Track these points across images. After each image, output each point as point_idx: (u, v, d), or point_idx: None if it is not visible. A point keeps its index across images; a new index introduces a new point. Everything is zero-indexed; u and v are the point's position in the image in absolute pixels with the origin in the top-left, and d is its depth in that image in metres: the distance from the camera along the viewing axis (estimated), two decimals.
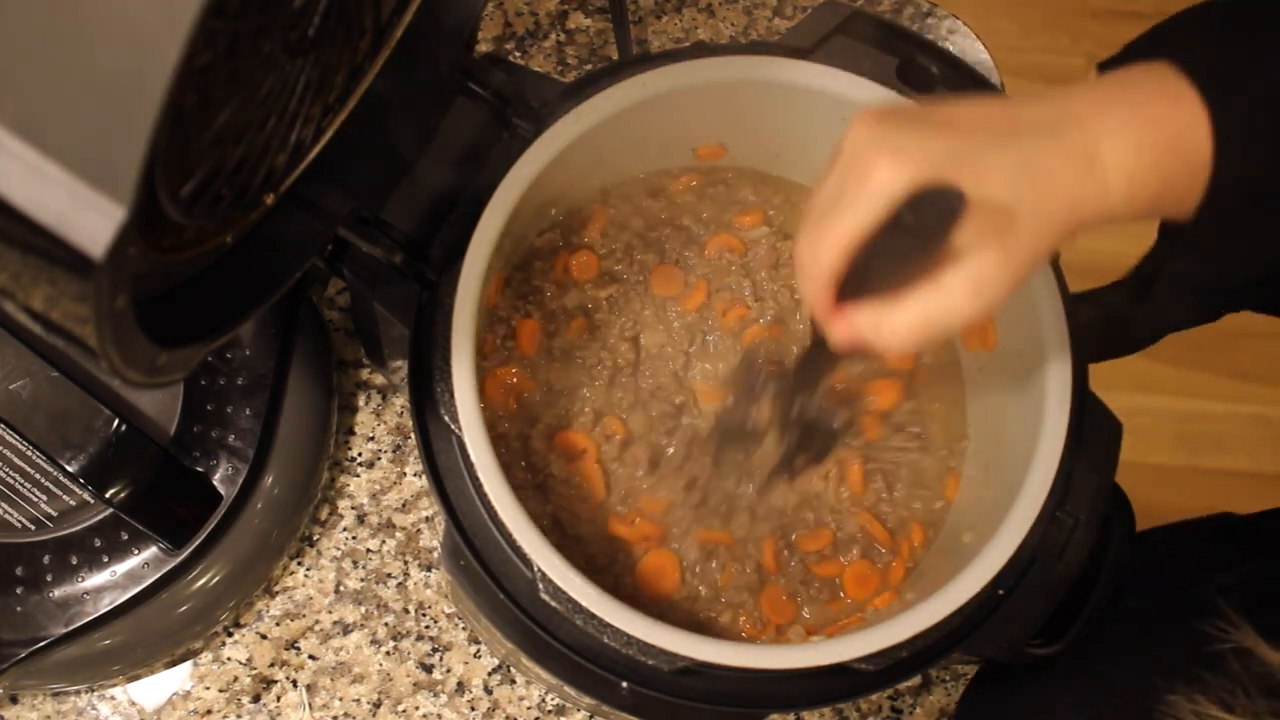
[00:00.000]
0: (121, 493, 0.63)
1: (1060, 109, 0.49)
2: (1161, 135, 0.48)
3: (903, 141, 0.47)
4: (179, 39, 0.31)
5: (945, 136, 0.47)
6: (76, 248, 0.32)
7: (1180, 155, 0.48)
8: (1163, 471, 1.55)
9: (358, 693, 0.74)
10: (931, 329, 0.48)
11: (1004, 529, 0.59)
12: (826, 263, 0.48)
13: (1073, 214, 0.48)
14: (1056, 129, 0.48)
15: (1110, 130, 0.48)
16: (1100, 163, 0.48)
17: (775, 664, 0.57)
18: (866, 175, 0.47)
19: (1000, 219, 0.47)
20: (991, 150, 0.47)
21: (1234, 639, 0.50)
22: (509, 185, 0.62)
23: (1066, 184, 0.47)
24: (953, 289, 0.47)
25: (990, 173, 0.46)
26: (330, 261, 0.63)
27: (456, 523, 0.58)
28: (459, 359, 0.59)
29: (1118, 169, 0.48)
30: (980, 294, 0.48)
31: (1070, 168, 0.48)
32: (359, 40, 0.51)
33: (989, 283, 0.47)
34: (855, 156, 0.48)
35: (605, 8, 0.87)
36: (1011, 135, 0.48)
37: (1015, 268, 0.48)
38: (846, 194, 0.47)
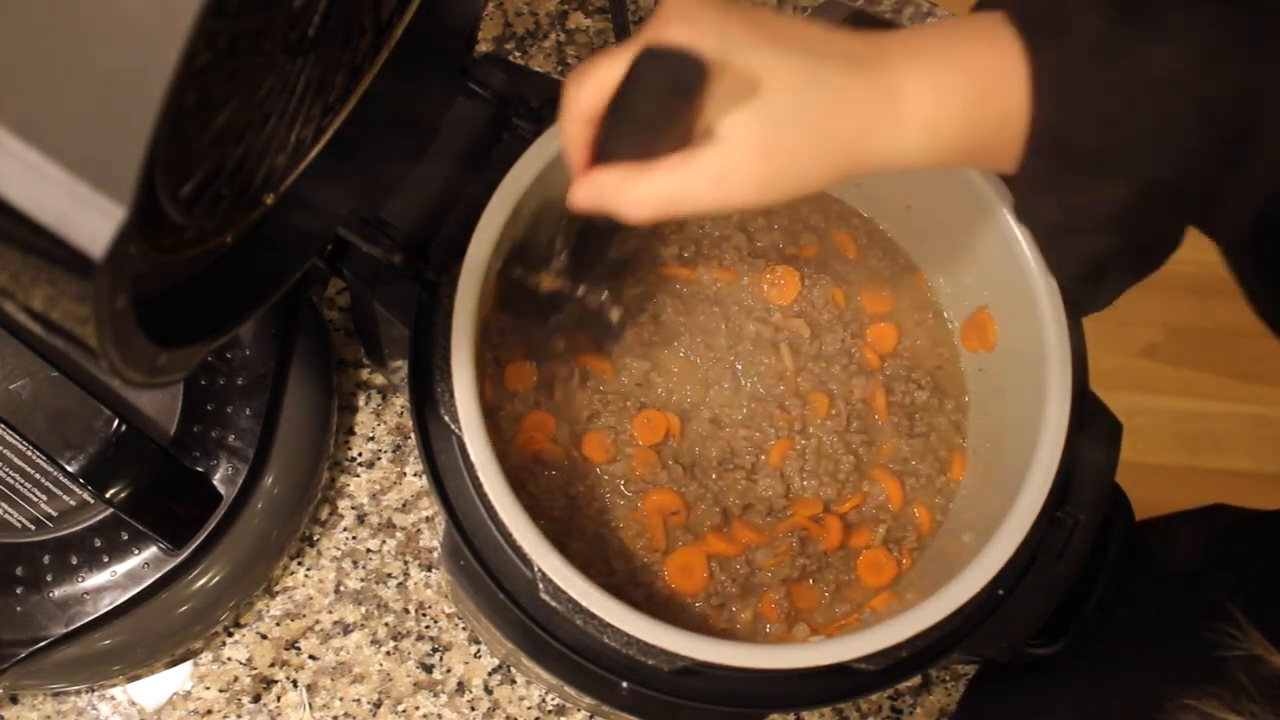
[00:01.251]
0: (121, 493, 0.63)
1: (874, 47, 0.48)
2: (970, 81, 0.47)
3: (706, 17, 0.46)
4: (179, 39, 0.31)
5: (750, 30, 0.46)
6: (76, 248, 0.32)
7: (990, 102, 0.47)
8: (1163, 471, 1.55)
9: (358, 693, 0.74)
10: (671, 207, 0.47)
11: (1004, 529, 0.59)
12: (587, 95, 0.48)
13: (855, 144, 0.47)
14: (863, 63, 0.47)
15: (916, 72, 0.47)
16: (899, 101, 0.47)
17: (775, 664, 0.57)
18: (659, 30, 0.46)
19: (771, 119, 0.45)
20: (789, 56, 0.46)
21: (1242, 645, 0.50)
22: (509, 185, 0.62)
23: (855, 112, 0.46)
24: (700, 171, 0.46)
25: (779, 75, 0.45)
26: (330, 261, 0.63)
27: (456, 523, 0.58)
28: (459, 359, 0.59)
29: (915, 110, 0.47)
30: (722, 184, 0.46)
31: (864, 98, 0.46)
32: (359, 40, 0.51)
33: (736, 177, 0.46)
34: (657, 16, 0.47)
35: (605, 8, 0.87)
36: (816, 54, 0.47)
37: (773, 173, 0.47)
38: (639, 38, 0.47)
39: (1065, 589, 0.61)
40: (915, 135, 0.47)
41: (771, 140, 0.46)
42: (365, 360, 0.79)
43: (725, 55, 0.45)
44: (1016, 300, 0.64)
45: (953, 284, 0.71)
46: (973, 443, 0.70)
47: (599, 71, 0.47)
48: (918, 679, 0.76)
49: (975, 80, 0.47)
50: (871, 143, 0.47)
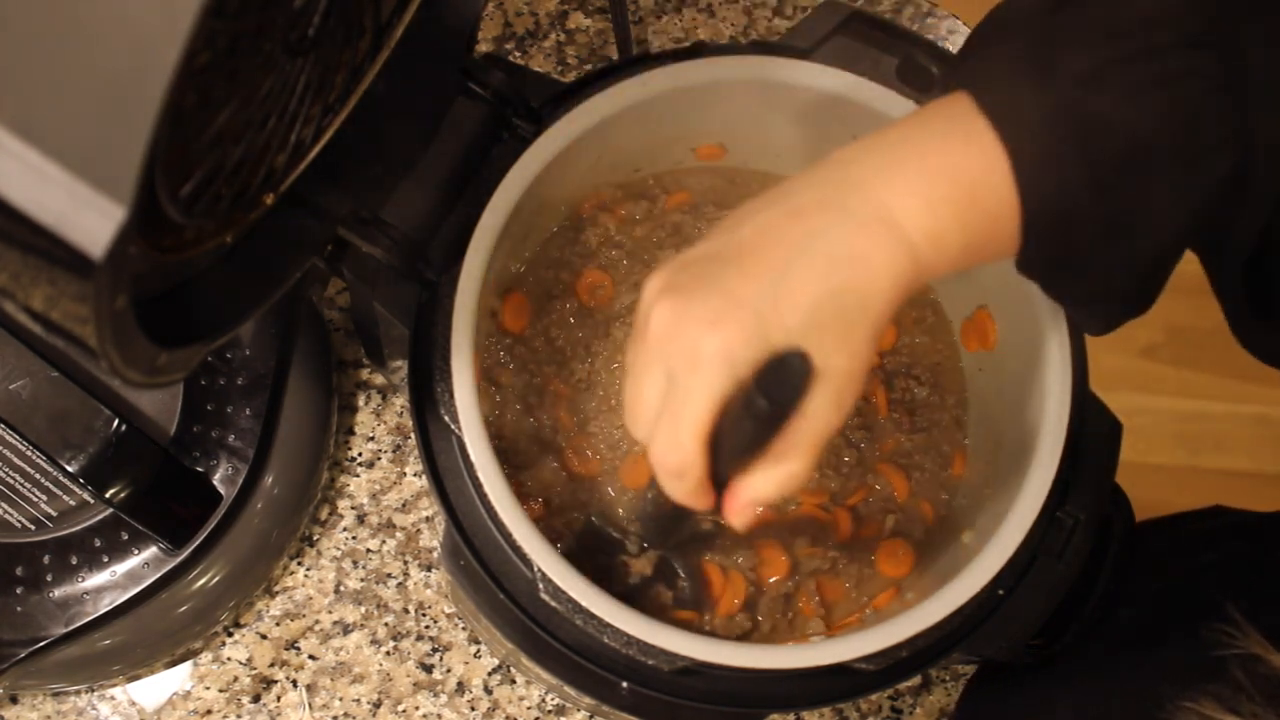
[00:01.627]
0: (121, 493, 0.63)
1: (840, 178, 0.46)
2: (955, 188, 0.45)
3: (708, 303, 0.44)
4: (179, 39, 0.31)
5: (743, 275, 0.44)
6: (76, 248, 0.32)
7: (979, 204, 0.45)
8: (1163, 471, 1.55)
9: (358, 693, 0.74)
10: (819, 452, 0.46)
11: (1004, 529, 0.59)
12: (691, 457, 0.45)
13: (895, 288, 0.45)
14: (845, 207, 0.45)
15: (899, 192, 0.45)
16: (899, 227, 0.44)
17: (775, 664, 0.57)
18: (693, 353, 0.44)
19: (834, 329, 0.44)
20: (797, 264, 0.44)
21: (1240, 645, 0.50)
22: (509, 185, 0.62)
23: (879, 261, 0.44)
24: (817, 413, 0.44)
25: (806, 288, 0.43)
26: (330, 261, 0.63)
27: (456, 523, 0.58)
28: (459, 359, 0.59)
29: (917, 229, 0.45)
30: (842, 402, 0.45)
31: (874, 243, 0.44)
32: (359, 40, 0.51)
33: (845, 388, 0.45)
34: (668, 336, 0.45)
35: (605, 8, 0.87)
36: (805, 236, 0.45)
37: (860, 357, 0.45)
38: (679, 380, 0.44)
39: (1065, 589, 0.61)
40: (929, 252, 0.45)
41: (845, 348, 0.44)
42: (365, 360, 0.79)
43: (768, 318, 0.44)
44: (1016, 300, 0.64)
45: (953, 283, 0.71)
46: (973, 441, 0.70)
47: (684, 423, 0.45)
48: (918, 679, 0.76)
49: (961, 187, 0.45)
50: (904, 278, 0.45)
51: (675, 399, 0.45)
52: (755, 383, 0.42)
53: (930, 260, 0.45)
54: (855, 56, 0.66)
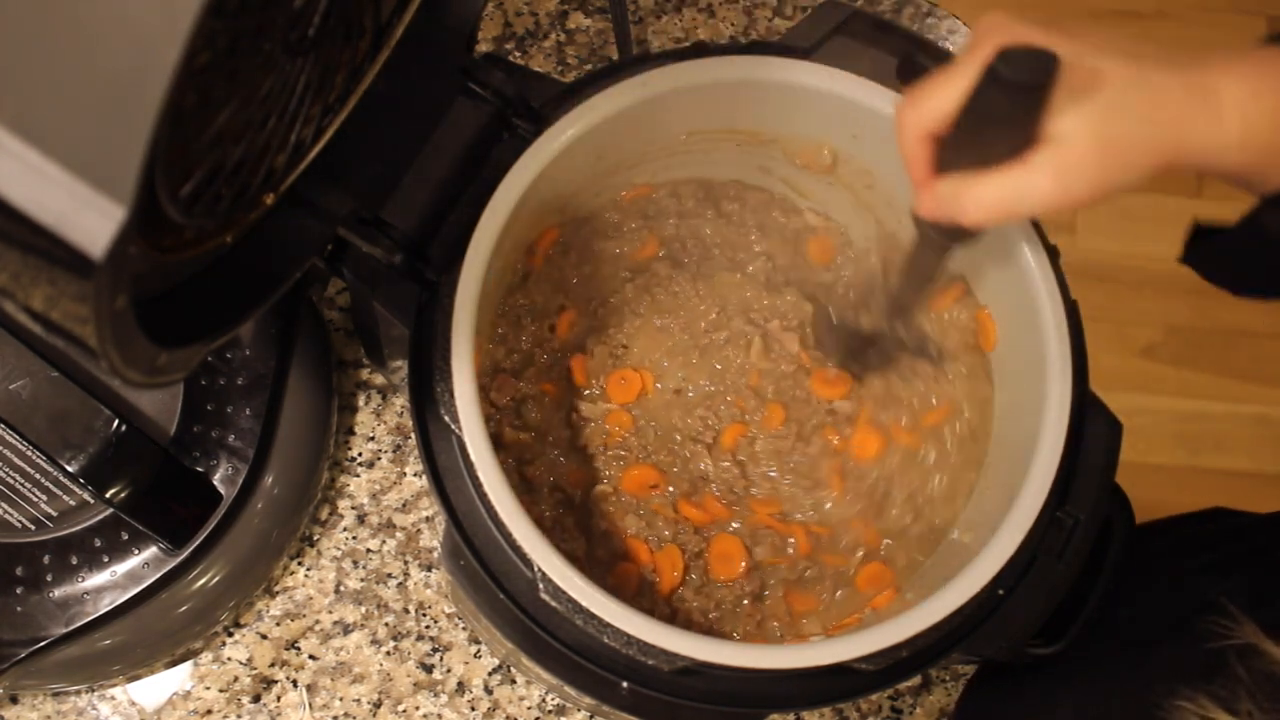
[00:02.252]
0: (121, 493, 0.63)
1: (1186, 55, 0.50)
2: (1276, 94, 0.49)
3: (1021, 29, 0.48)
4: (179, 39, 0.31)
5: (1068, 39, 0.48)
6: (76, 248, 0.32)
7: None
8: (1163, 471, 1.55)
9: (358, 693, 0.74)
10: (1013, 205, 0.49)
11: (1004, 529, 0.59)
12: (927, 115, 0.50)
13: (1181, 135, 0.49)
14: (1179, 65, 0.49)
15: (1233, 77, 0.49)
16: (1218, 100, 0.49)
17: (775, 664, 0.57)
18: (981, 45, 0.48)
19: (1105, 115, 0.48)
20: (1111, 58, 0.48)
21: (1237, 636, 0.50)
22: (509, 185, 0.62)
23: (1178, 104, 0.49)
24: (1040, 168, 0.48)
25: (1106, 76, 0.47)
26: (330, 261, 0.63)
27: (456, 523, 0.58)
28: (459, 359, 0.59)
29: (1234, 106, 0.49)
30: (1064, 178, 0.48)
31: (1185, 94, 0.49)
32: (359, 40, 0.51)
33: (1077, 170, 0.48)
34: (980, 33, 0.49)
35: (605, 8, 0.87)
36: (1134, 56, 0.49)
37: (1107, 167, 0.48)
38: (961, 61, 0.49)
39: (1065, 589, 0.61)
40: (1234, 131, 0.49)
41: (1106, 134, 0.48)
42: (365, 360, 0.79)
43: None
44: (1016, 300, 0.64)
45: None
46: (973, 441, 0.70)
47: (937, 89, 0.50)
48: (918, 679, 0.76)
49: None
50: (1194, 136, 0.49)
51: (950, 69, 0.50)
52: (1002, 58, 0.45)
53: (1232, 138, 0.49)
54: (855, 56, 0.66)
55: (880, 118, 0.65)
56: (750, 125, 0.70)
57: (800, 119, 0.69)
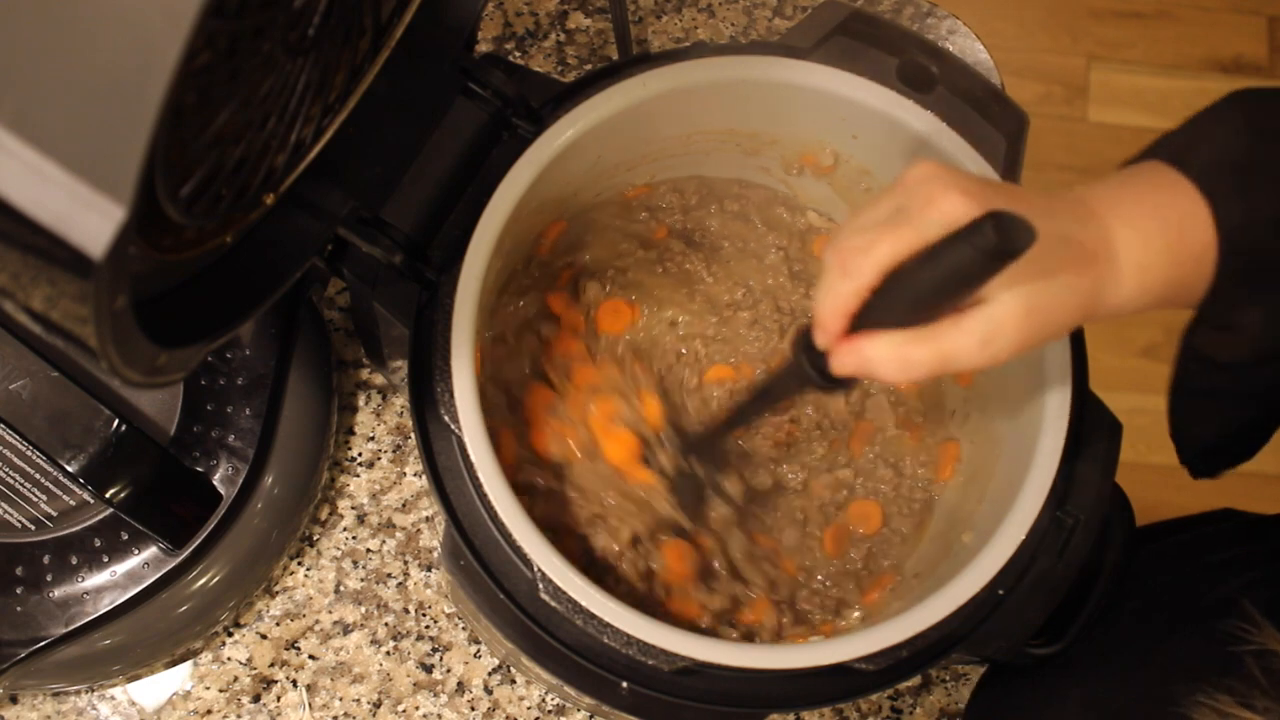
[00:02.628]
0: (121, 493, 0.63)
1: (1080, 201, 0.52)
2: (1165, 224, 0.51)
3: (968, 184, 0.49)
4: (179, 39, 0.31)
5: (1001, 196, 0.49)
6: (76, 248, 0.32)
7: (1185, 242, 0.51)
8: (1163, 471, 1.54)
9: (358, 693, 0.74)
10: (941, 368, 0.49)
11: (1004, 529, 0.59)
12: (873, 268, 0.49)
13: (1093, 299, 0.50)
14: (1081, 218, 0.51)
15: (1122, 222, 0.51)
16: (1115, 254, 0.50)
17: (775, 664, 0.57)
18: (931, 202, 0.48)
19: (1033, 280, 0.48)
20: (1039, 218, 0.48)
21: (1257, 640, 0.50)
22: (509, 185, 0.62)
23: (1093, 271, 0.50)
24: (969, 333, 0.48)
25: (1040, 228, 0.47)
26: (330, 261, 0.63)
27: (456, 523, 0.58)
28: (459, 359, 0.59)
29: (1129, 260, 0.50)
30: (991, 343, 0.49)
31: (1094, 254, 0.50)
32: (359, 40, 0.51)
33: (1002, 337, 0.49)
34: (921, 184, 0.49)
35: (605, 8, 0.87)
36: (1052, 216, 0.50)
37: (1031, 331, 0.49)
38: (906, 214, 0.48)
39: (1065, 589, 0.61)
40: (1131, 281, 0.51)
41: (1035, 300, 0.49)
42: (365, 360, 0.79)
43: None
44: None
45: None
46: (972, 444, 0.70)
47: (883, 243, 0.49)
48: (918, 679, 0.76)
49: (1171, 223, 0.51)
50: (1104, 294, 0.51)
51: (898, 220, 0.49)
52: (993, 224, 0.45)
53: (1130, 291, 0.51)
54: (855, 56, 0.66)
55: (880, 118, 0.65)
56: (750, 125, 0.70)
57: (800, 119, 0.69)
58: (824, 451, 0.70)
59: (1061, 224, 0.50)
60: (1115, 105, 1.73)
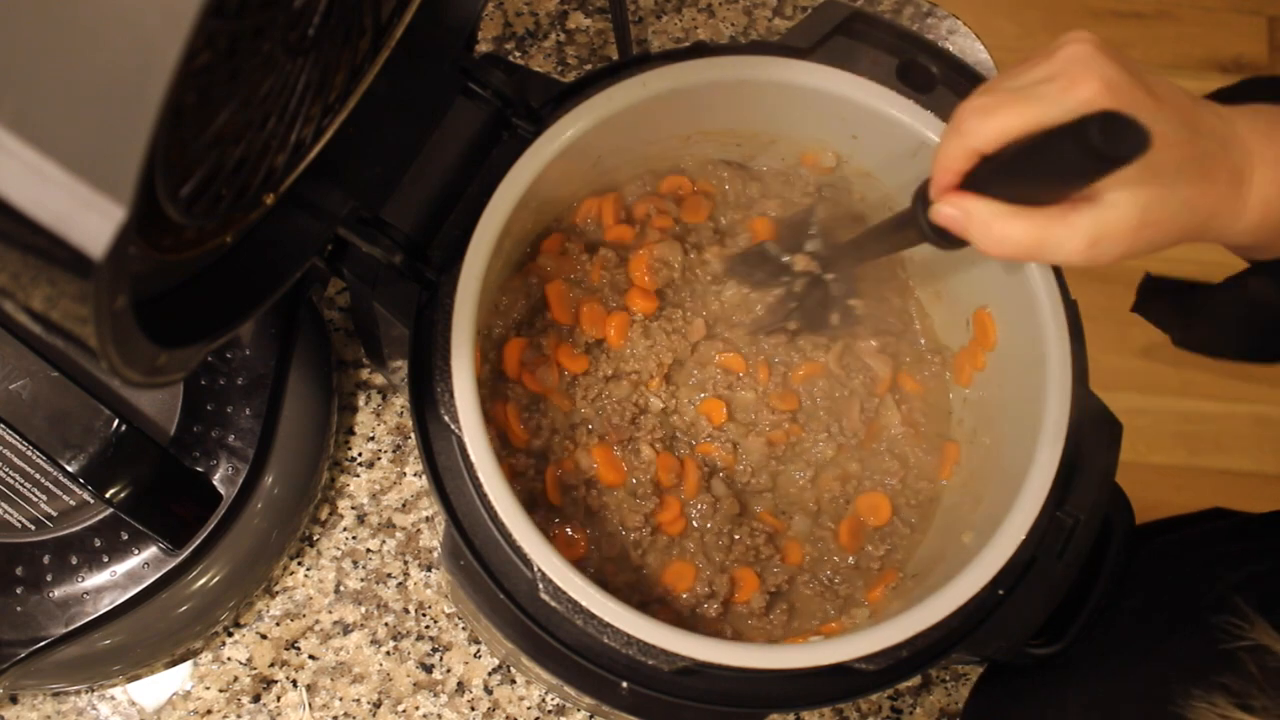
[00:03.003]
0: (121, 493, 0.63)
1: (1230, 127, 0.51)
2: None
3: (1116, 78, 0.48)
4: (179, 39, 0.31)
5: (1150, 97, 0.48)
6: (76, 248, 0.32)
7: None
8: (1163, 471, 1.55)
9: (358, 693, 0.74)
10: (1039, 253, 0.49)
11: (1004, 529, 0.59)
12: (987, 134, 0.48)
13: (1208, 221, 0.50)
14: (1227, 143, 0.50)
15: (1264, 159, 0.50)
16: (1248, 186, 0.50)
17: (775, 664, 0.57)
18: (1072, 85, 0.47)
19: (1155, 193, 0.48)
20: (1178, 130, 0.48)
21: (1250, 636, 0.50)
22: (509, 185, 0.62)
23: (1217, 193, 0.49)
24: (1077, 226, 0.48)
25: (1168, 150, 0.47)
26: (330, 261, 0.63)
27: (456, 523, 0.58)
28: (459, 359, 0.59)
29: (1259, 194, 0.50)
30: (1097, 244, 0.48)
31: (1226, 181, 0.49)
32: (359, 40, 0.51)
33: (1111, 239, 0.48)
34: (1070, 64, 0.48)
35: (605, 8, 0.87)
36: (1195, 130, 0.49)
37: (1138, 241, 0.49)
38: (1043, 89, 0.48)
39: (1065, 589, 0.61)
40: (1252, 218, 0.50)
41: (1150, 213, 0.48)
42: (365, 360, 0.79)
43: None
44: (1016, 300, 0.64)
45: (954, 283, 0.71)
46: (972, 444, 0.70)
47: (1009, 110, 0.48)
48: (918, 679, 0.76)
49: None
50: (1220, 220, 0.50)
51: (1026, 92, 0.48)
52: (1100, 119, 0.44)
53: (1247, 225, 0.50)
54: (855, 56, 0.66)
55: (880, 118, 0.65)
56: (750, 126, 0.70)
57: (800, 119, 0.69)
58: (833, 454, 0.70)
59: (1203, 141, 0.49)
60: None
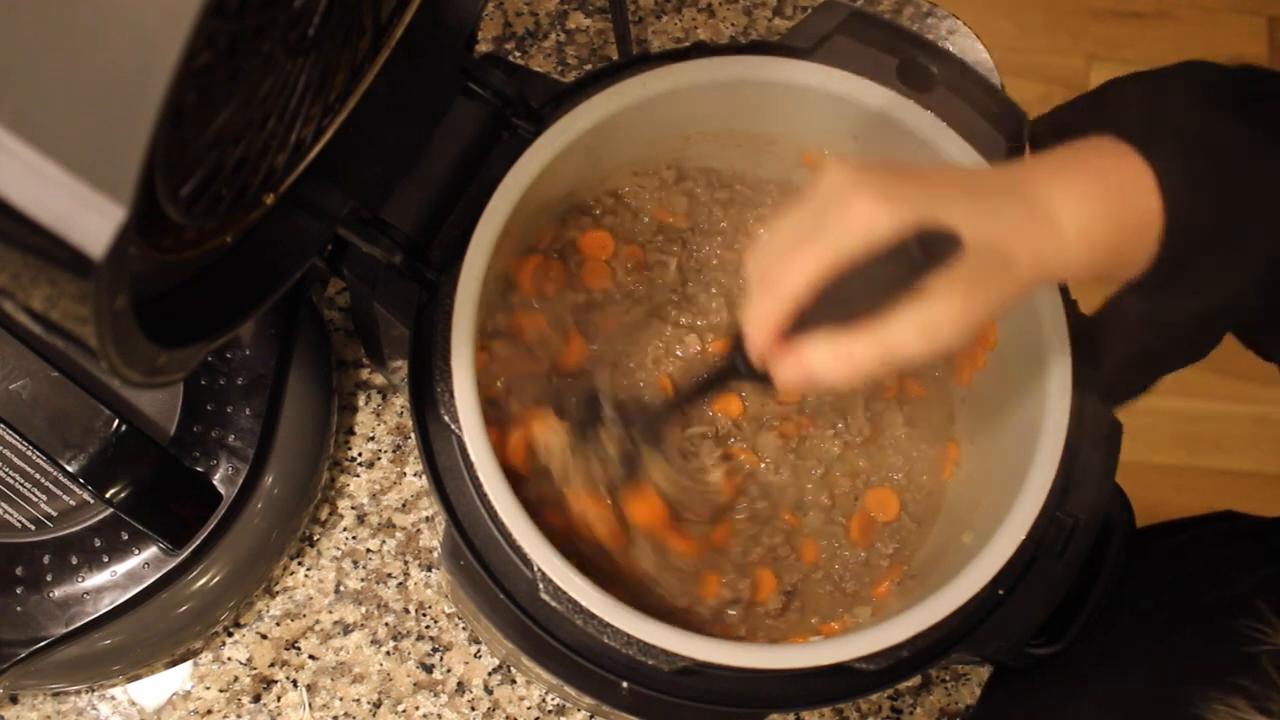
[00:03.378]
0: (121, 493, 0.63)
1: (1016, 174, 0.51)
2: (1110, 191, 0.50)
3: (881, 185, 0.47)
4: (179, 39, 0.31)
5: (918, 186, 0.48)
6: (76, 248, 0.32)
7: (1130, 210, 0.50)
8: (1163, 471, 1.55)
9: (358, 693, 0.74)
10: (881, 363, 0.48)
11: (1004, 529, 0.59)
12: (790, 290, 0.48)
13: (1036, 268, 0.49)
14: (1016, 189, 0.50)
15: (1063, 188, 0.49)
16: (1058, 220, 0.49)
17: (775, 664, 0.57)
18: (847, 210, 0.47)
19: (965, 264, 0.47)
20: (962, 200, 0.48)
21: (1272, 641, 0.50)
22: (509, 185, 0.62)
23: (1030, 238, 0.49)
24: (907, 325, 0.47)
25: (962, 220, 0.47)
26: (330, 261, 0.63)
27: (456, 523, 0.58)
28: (459, 359, 0.59)
29: (1074, 226, 0.49)
30: (933, 336, 0.48)
31: (1032, 223, 0.49)
32: (359, 40, 0.51)
33: (944, 325, 0.48)
34: (835, 192, 0.48)
35: (605, 8, 0.87)
36: (978, 191, 0.49)
37: (973, 314, 0.48)
38: (825, 226, 0.47)
39: (1065, 589, 0.61)
40: (1077, 249, 0.50)
41: (971, 288, 0.48)
42: (365, 360, 0.79)
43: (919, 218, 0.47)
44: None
45: None
46: (972, 444, 0.70)
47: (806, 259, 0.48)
48: (918, 679, 0.76)
49: (1113, 189, 0.50)
50: (1047, 264, 0.49)
51: (811, 237, 0.48)
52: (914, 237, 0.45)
53: (1077, 257, 0.50)
54: (855, 56, 0.66)
55: (880, 118, 0.65)
56: (750, 125, 0.70)
57: (800, 119, 0.69)
58: (840, 451, 0.70)
59: (995, 204, 0.49)
60: None
